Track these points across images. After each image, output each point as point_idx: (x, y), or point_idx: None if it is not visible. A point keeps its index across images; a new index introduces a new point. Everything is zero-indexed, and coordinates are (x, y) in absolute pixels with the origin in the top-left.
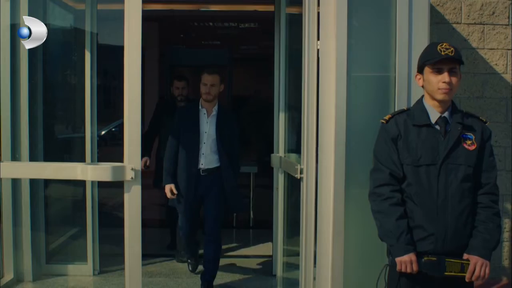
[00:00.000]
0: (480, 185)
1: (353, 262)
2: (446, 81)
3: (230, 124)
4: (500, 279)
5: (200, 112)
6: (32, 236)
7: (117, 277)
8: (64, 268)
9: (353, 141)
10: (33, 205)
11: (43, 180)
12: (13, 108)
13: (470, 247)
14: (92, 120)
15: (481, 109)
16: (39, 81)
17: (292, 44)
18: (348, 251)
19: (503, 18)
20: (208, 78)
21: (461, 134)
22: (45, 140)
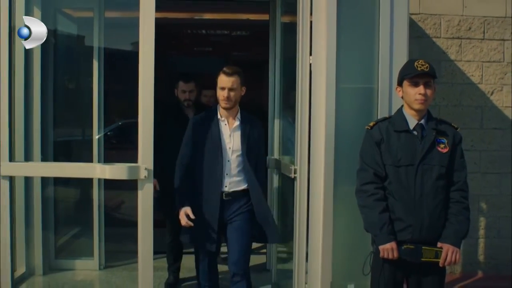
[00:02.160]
0: (452, 183)
1: (342, 251)
2: (422, 93)
3: (256, 134)
4: (476, 273)
5: (219, 123)
6: (42, 233)
7: (120, 271)
8: (72, 263)
9: (341, 144)
10: (43, 205)
11: (53, 182)
12: (26, 112)
13: (443, 237)
14: (99, 124)
15: (458, 116)
16: (50, 87)
17: (286, 51)
18: (337, 241)
19: (479, 33)
20: (226, 81)
21: (435, 139)
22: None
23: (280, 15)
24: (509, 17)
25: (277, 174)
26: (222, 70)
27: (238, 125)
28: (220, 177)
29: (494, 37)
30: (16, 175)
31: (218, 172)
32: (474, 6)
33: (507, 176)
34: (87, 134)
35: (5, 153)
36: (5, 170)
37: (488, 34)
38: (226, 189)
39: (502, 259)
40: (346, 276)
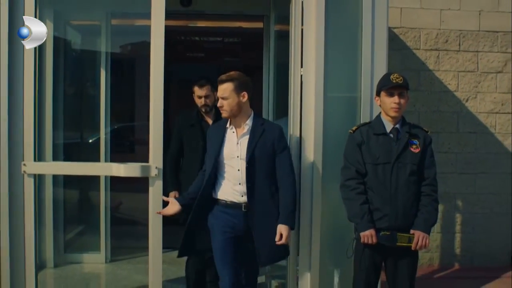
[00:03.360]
0: (423, 179)
1: (329, 238)
2: (396, 102)
3: (269, 140)
4: (453, 265)
5: (227, 131)
6: (53, 230)
7: (125, 264)
8: (80, 256)
9: (328, 146)
10: (54, 204)
11: (62, 182)
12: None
13: (415, 225)
14: (106, 126)
15: (436, 121)
16: (60, 91)
17: (279, 57)
18: (324, 230)
19: (455, 45)
20: (219, 90)
21: (409, 141)
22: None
23: (273, 25)
24: (483, 31)
25: None
26: (219, 79)
27: (247, 132)
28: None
29: (468, 49)
30: (40, 173)
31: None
32: (450, 21)
33: (481, 176)
34: (95, 136)
35: (29, 154)
36: (30, 169)
37: (463, 46)
38: (243, 199)
39: (476, 252)
40: (332, 261)
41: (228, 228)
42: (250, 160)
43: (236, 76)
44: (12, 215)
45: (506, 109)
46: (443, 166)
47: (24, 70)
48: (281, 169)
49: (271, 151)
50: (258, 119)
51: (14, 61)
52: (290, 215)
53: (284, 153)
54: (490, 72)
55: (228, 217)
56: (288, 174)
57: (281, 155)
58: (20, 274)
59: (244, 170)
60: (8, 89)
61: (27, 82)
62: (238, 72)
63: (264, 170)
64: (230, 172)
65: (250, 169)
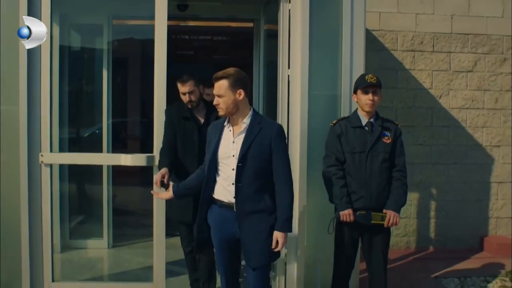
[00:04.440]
0: (394, 165)
1: (313, 218)
2: (371, 99)
3: (267, 138)
4: (428, 248)
5: (224, 129)
6: (60, 218)
7: (126, 249)
8: (84, 242)
9: (312, 138)
10: (61, 195)
11: (67, 174)
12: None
13: (387, 205)
14: (108, 120)
15: (412, 116)
16: (65, 89)
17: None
18: (309, 212)
19: (429, 47)
20: (214, 87)
21: (381, 133)
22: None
23: (263, 28)
24: (455, 33)
25: None
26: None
27: (244, 130)
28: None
29: (442, 50)
30: (56, 163)
31: (211, 183)
32: (425, 24)
33: (453, 166)
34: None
35: (46, 145)
36: (47, 159)
37: (436, 47)
38: (223, 199)
39: (449, 236)
40: (316, 238)
41: (224, 229)
42: (242, 159)
43: (232, 72)
44: (31, 202)
45: (476, 105)
46: (418, 157)
47: (41, 70)
48: (278, 172)
49: (267, 151)
50: (256, 117)
51: (32, 62)
52: (286, 222)
53: (281, 153)
54: (461, 71)
55: (223, 219)
56: (285, 179)
57: (278, 155)
58: (38, 255)
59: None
60: (27, 87)
61: (44, 80)
62: (235, 69)
63: (257, 171)
64: (225, 172)
65: (242, 169)
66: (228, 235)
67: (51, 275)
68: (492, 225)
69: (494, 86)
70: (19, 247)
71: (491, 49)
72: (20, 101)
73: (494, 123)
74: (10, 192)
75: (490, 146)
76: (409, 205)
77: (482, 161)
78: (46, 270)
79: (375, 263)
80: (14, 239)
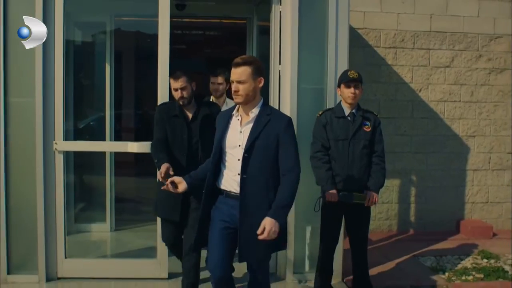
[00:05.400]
0: (374, 151)
1: (301, 199)
2: (352, 92)
3: (274, 130)
4: (409, 230)
5: (232, 119)
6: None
7: (128, 232)
8: (88, 226)
9: (301, 128)
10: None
11: (73, 162)
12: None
13: (367, 186)
14: (111, 110)
15: (394, 108)
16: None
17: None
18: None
19: (410, 44)
20: (234, 73)
21: (362, 122)
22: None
23: (256, 26)
24: (434, 31)
25: None
26: (233, 63)
27: (252, 120)
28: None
29: (421, 47)
30: (68, 150)
31: (216, 174)
32: (406, 23)
33: (432, 155)
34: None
35: (59, 134)
36: (60, 147)
37: (417, 44)
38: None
39: (427, 219)
40: (304, 216)
41: (227, 218)
42: (249, 150)
43: (253, 59)
44: (46, 186)
45: (453, 98)
46: (399, 146)
47: (55, 66)
48: (285, 163)
49: (274, 143)
50: (266, 107)
51: (46, 59)
52: (281, 210)
53: (290, 146)
54: (439, 66)
55: (228, 208)
56: (292, 168)
57: (285, 147)
58: (52, 235)
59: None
60: (42, 81)
61: (57, 75)
62: (253, 56)
63: (263, 162)
64: (231, 162)
65: (247, 159)
66: (232, 225)
67: (63, 252)
68: (468, 210)
69: (470, 80)
70: (35, 227)
71: (467, 46)
72: (36, 94)
73: (469, 115)
74: (26, 177)
75: (466, 136)
76: (391, 191)
77: (458, 150)
78: (59, 248)
79: (357, 239)
80: (30, 220)
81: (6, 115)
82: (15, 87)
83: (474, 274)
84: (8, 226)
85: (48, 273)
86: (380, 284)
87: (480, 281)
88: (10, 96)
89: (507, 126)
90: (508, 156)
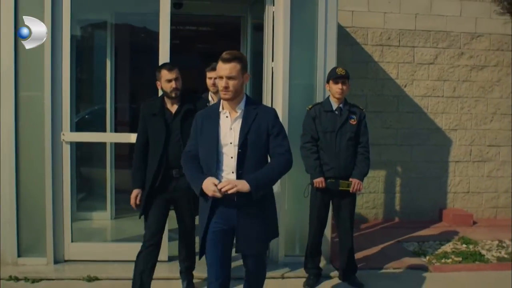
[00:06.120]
0: (359, 143)
1: (292, 186)
2: (340, 88)
3: (264, 123)
4: (394, 219)
5: (220, 116)
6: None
7: (127, 221)
8: (90, 214)
9: (292, 121)
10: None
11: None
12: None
13: (352, 175)
14: (111, 103)
15: (380, 103)
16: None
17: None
18: (289, 180)
19: (395, 42)
20: (223, 68)
21: (348, 116)
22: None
23: (250, 24)
24: (418, 30)
25: None
26: (220, 57)
27: (240, 115)
28: (218, 178)
29: (406, 44)
30: (75, 141)
31: (213, 173)
32: (392, 22)
33: (416, 148)
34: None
35: (67, 125)
36: (68, 138)
37: (402, 42)
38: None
39: (412, 208)
40: (294, 204)
41: (220, 220)
42: (243, 146)
43: (241, 55)
44: (54, 174)
45: (436, 93)
46: (386, 139)
47: (63, 62)
48: (276, 149)
49: (265, 136)
50: (252, 101)
51: (54, 55)
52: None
53: (281, 136)
54: (423, 63)
55: (222, 209)
56: (283, 154)
57: (277, 137)
58: (59, 220)
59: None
60: (51, 75)
61: (65, 70)
62: (240, 52)
63: (256, 157)
64: (223, 161)
65: (242, 155)
66: (226, 226)
67: (70, 236)
68: (450, 199)
69: (452, 77)
70: (44, 213)
71: (450, 44)
72: (45, 88)
73: (452, 109)
74: (36, 167)
75: (449, 130)
76: (377, 181)
77: (441, 142)
78: (66, 233)
79: (343, 222)
80: (39, 207)
81: (17, 108)
82: (25, 82)
83: (453, 258)
84: (18, 213)
85: (56, 255)
86: (365, 266)
87: (458, 263)
88: (21, 91)
89: (487, 120)
90: (488, 148)
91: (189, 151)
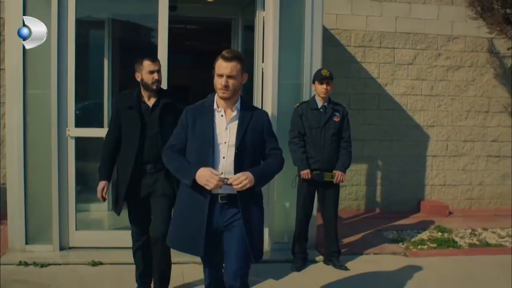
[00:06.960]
0: (342, 138)
1: (281, 178)
2: (325, 88)
3: (259, 125)
4: (375, 210)
5: (215, 114)
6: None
7: (124, 212)
8: (88, 206)
9: (281, 118)
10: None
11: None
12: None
13: (336, 167)
14: (108, 97)
15: (362, 101)
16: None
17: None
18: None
19: (377, 43)
20: (224, 67)
21: (332, 113)
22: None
23: (241, 26)
24: (398, 32)
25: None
26: (220, 54)
27: (236, 116)
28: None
29: (387, 46)
30: (79, 136)
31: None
32: (373, 24)
33: (396, 143)
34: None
35: (71, 121)
36: (73, 133)
37: (383, 44)
38: (221, 190)
39: (392, 200)
40: (283, 194)
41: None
42: (240, 146)
43: (241, 55)
44: (60, 168)
45: (415, 92)
46: (367, 135)
47: (68, 60)
48: (272, 150)
49: (260, 137)
50: (246, 102)
51: (61, 53)
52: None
53: (274, 137)
54: (403, 64)
55: (212, 210)
56: (278, 150)
57: (271, 139)
58: (64, 210)
59: (232, 157)
60: (57, 73)
61: (70, 68)
62: (240, 52)
63: (252, 158)
64: (215, 159)
65: (239, 156)
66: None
67: (74, 225)
68: (427, 191)
69: (430, 76)
70: (50, 203)
71: (428, 46)
72: (51, 86)
73: (429, 107)
74: (42, 160)
75: (427, 126)
76: (359, 174)
77: (419, 138)
78: (71, 221)
79: (328, 211)
80: (45, 197)
81: (25, 105)
82: (33, 80)
83: (429, 244)
84: (26, 203)
85: (61, 243)
86: (348, 252)
87: (433, 249)
88: (28, 89)
89: (462, 118)
90: (463, 144)
91: (174, 145)
